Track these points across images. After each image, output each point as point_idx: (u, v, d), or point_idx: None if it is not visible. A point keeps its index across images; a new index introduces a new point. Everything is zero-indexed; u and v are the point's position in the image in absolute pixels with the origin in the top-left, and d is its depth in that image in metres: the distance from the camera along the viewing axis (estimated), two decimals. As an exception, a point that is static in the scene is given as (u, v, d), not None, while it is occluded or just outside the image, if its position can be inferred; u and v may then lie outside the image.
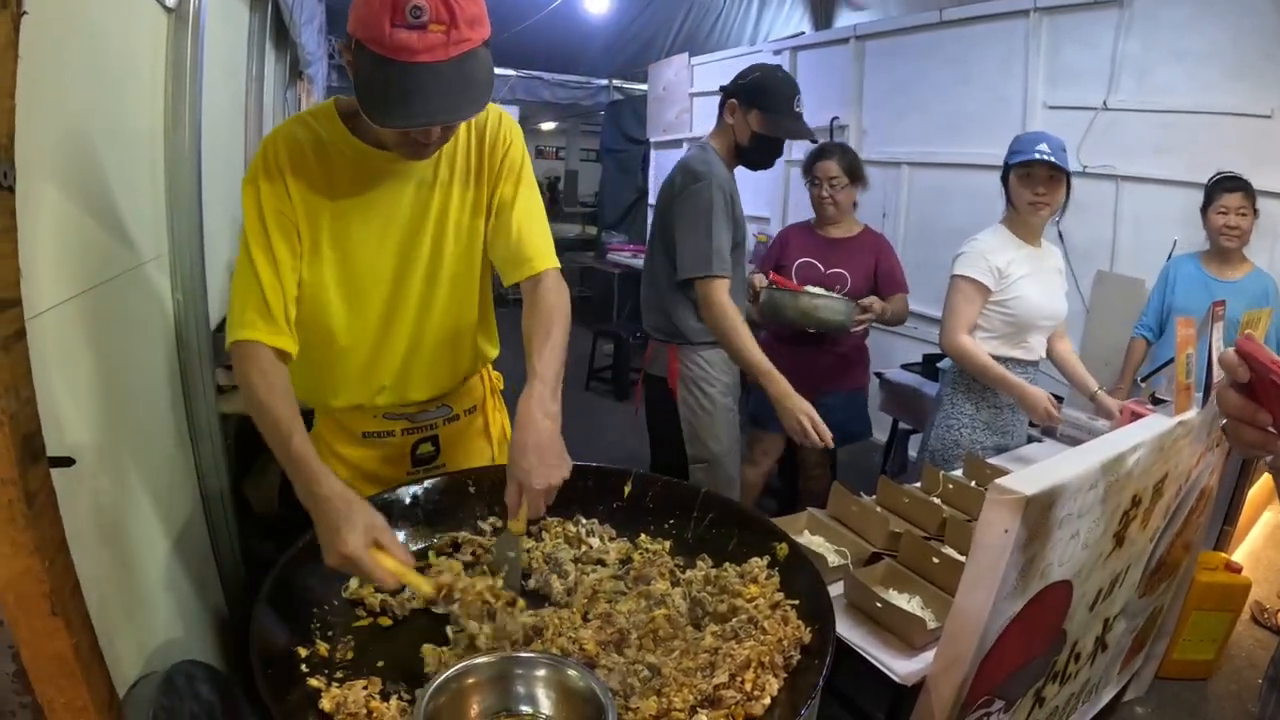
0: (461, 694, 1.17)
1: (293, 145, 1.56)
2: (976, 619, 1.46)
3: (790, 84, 2.85)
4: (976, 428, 2.99)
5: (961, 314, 2.88)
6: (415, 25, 1.28)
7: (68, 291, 1.33)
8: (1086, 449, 1.65)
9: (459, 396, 1.93)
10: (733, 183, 2.89)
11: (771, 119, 2.79)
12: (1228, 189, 3.49)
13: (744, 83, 2.84)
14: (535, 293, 1.66)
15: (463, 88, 1.35)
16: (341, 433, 1.85)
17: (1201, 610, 3.08)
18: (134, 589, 1.58)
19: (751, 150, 2.87)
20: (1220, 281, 3.56)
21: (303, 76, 5.18)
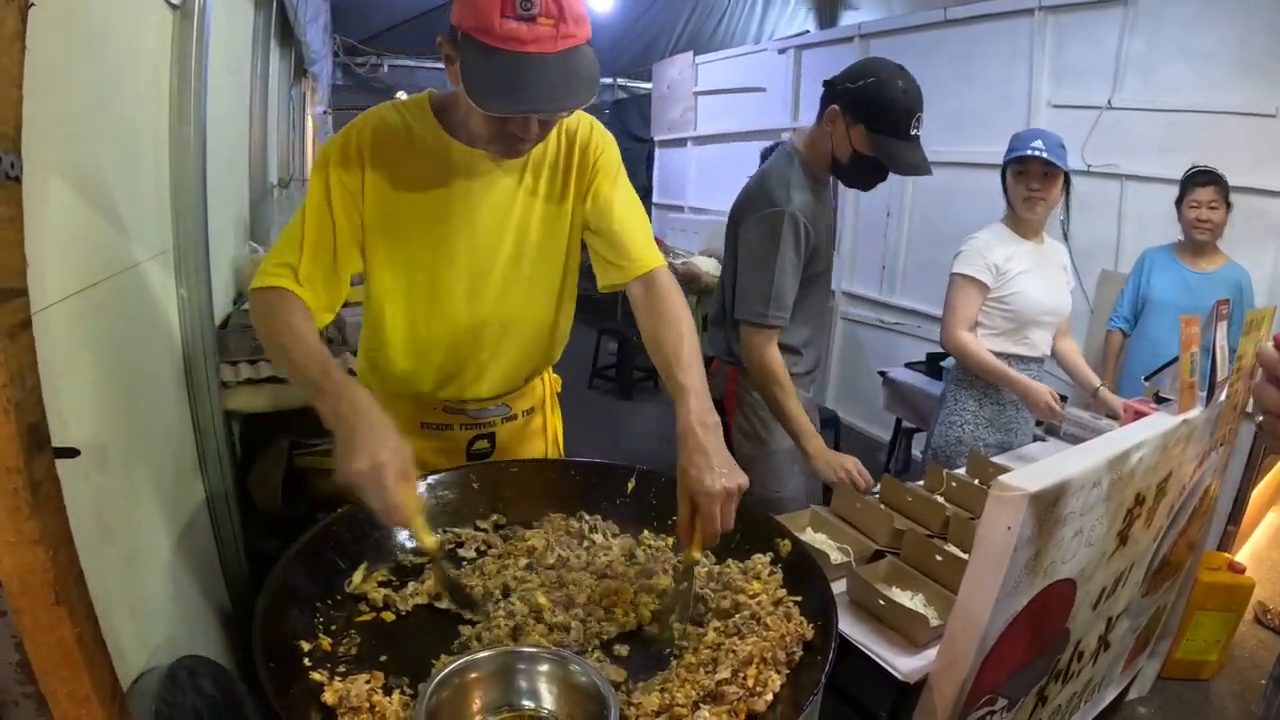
0: (464, 689, 1.17)
1: (381, 130, 1.59)
2: (979, 617, 1.46)
3: (911, 98, 2.28)
4: (980, 425, 3.00)
5: (960, 311, 2.88)
6: (525, 17, 1.31)
7: (72, 287, 1.33)
8: (1090, 447, 1.65)
9: (519, 397, 1.94)
10: (816, 205, 2.44)
11: (880, 141, 2.29)
12: (1200, 183, 3.55)
13: (853, 87, 2.32)
14: (653, 293, 1.65)
15: (567, 80, 1.37)
16: (399, 421, 1.85)
17: (1205, 610, 3.08)
18: (137, 584, 1.59)
19: (850, 169, 2.40)
20: (1195, 273, 3.63)
21: (307, 74, 5.19)
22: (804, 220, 2.36)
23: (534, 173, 1.69)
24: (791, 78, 6.48)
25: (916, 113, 2.28)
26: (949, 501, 2.33)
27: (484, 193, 1.65)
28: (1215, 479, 2.45)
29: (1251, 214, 3.70)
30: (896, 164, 2.32)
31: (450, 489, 1.69)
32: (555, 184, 1.71)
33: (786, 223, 2.35)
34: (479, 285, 1.71)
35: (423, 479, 1.68)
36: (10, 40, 0.78)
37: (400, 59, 7.84)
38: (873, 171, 2.40)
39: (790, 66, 6.47)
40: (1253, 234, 3.69)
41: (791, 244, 2.36)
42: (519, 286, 1.75)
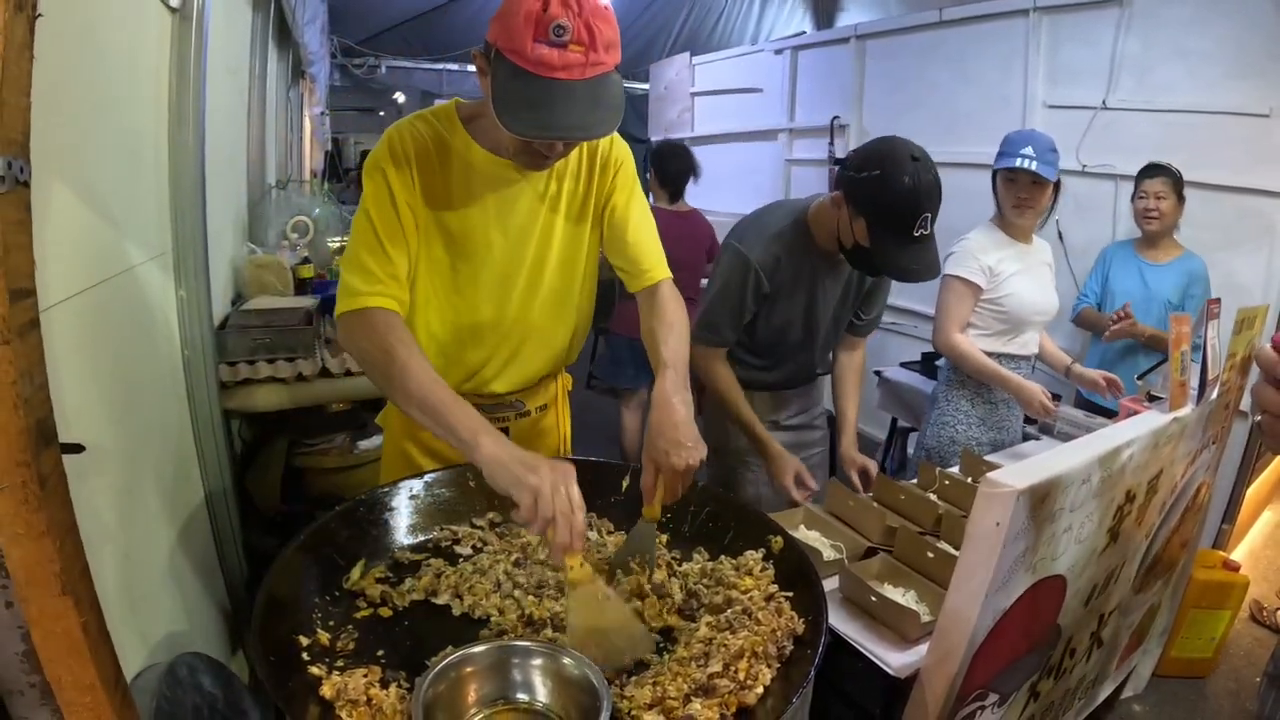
0: (459, 682, 1.19)
1: (418, 139, 1.63)
2: (968, 612, 1.47)
3: (918, 195, 2.05)
4: (972, 424, 3.02)
5: (954, 313, 2.90)
6: (557, 43, 1.34)
7: (72, 288, 1.35)
8: (1080, 444, 1.67)
9: (534, 394, 1.98)
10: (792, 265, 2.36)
11: (879, 239, 2.12)
12: (1148, 175, 3.61)
13: (859, 177, 2.14)
14: (655, 299, 1.78)
15: (593, 108, 1.40)
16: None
17: (1199, 608, 3.10)
18: (137, 582, 1.60)
19: (855, 257, 2.27)
20: (1151, 265, 3.67)
21: (305, 76, 5.20)
22: (758, 270, 2.32)
23: (557, 182, 1.74)
24: (788, 78, 6.48)
25: (924, 212, 2.06)
26: (942, 499, 2.34)
27: (510, 201, 1.70)
28: (1208, 477, 2.46)
29: (1247, 214, 3.72)
30: (889, 266, 2.15)
31: (447, 487, 1.71)
32: (577, 194, 1.77)
33: (737, 262, 2.35)
34: (502, 290, 1.76)
35: (419, 477, 1.70)
36: (20, 50, 0.80)
37: (398, 60, 7.84)
38: (871, 267, 2.31)
39: (787, 67, 6.48)
40: (1248, 233, 3.70)
41: (735, 281, 2.35)
42: (540, 292, 1.80)
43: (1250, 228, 3.70)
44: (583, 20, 1.35)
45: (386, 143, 1.63)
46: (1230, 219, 3.73)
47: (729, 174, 7.39)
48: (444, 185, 1.65)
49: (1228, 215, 3.74)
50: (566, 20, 1.33)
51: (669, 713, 1.15)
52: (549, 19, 1.33)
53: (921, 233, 2.07)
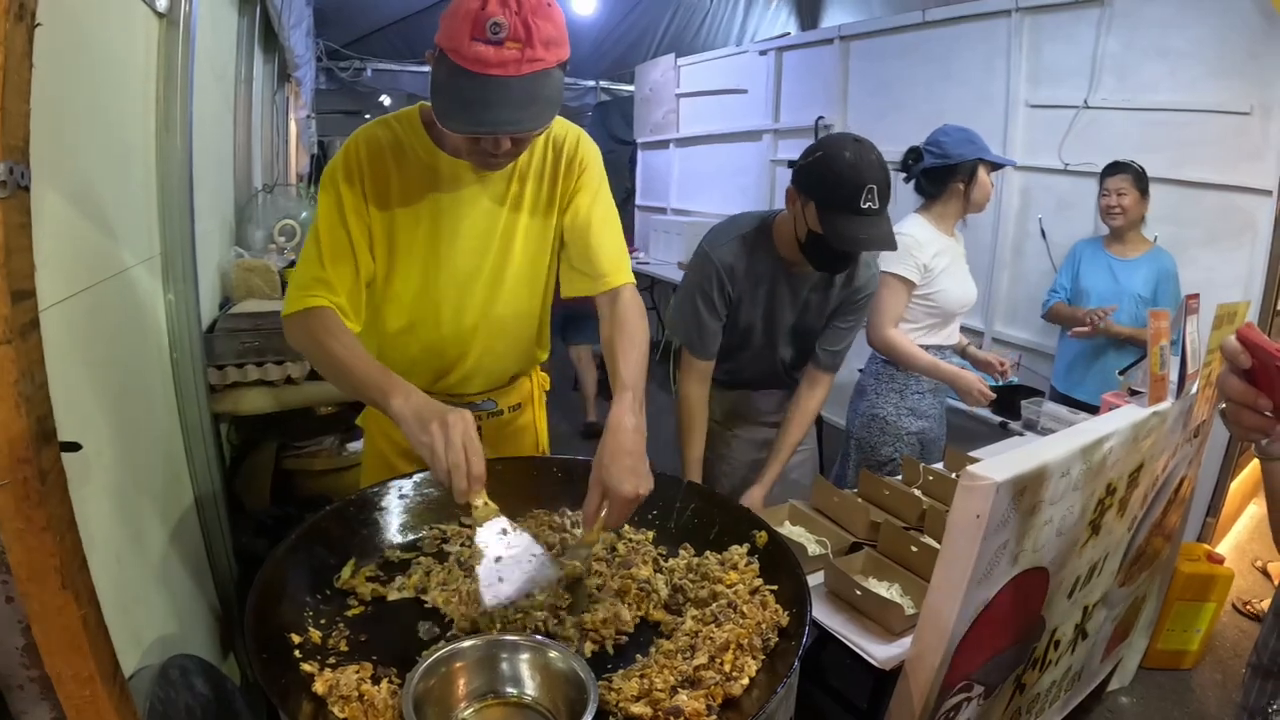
0: (449, 676, 1.21)
1: (374, 146, 1.65)
2: (951, 603, 1.50)
3: (859, 170, 2.10)
4: (902, 415, 3.08)
5: (888, 309, 2.94)
6: (493, 41, 1.35)
7: (62, 293, 1.36)
8: (1060, 437, 1.69)
9: (506, 394, 2.00)
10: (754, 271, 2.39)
11: (827, 216, 2.14)
12: (1110, 173, 3.71)
13: (805, 164, 2.23)
14: (615, 307, 1.73)
15: (527, 103, 1.41)
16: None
17: (1184, 601, 3.13)
18: (129, 585, 1.61)
19: (810, 250, 2.25)
20: (1120, 261, 3.75)
21: (291, 79, 5.20)
22: (721, 271, 2.35)
23: (520, 182, 1.74)
24: (773, 79, 6.50)
25: (867, 184, 2.09)
26: (925, 495, 2.36)
27: (472, 202, 1.71)
28: (1190, 470, 2.49)
29: (1229, 211, 3.74)
30: (840, 240, 2.13)
31: (436, 486, 1.72)
32: (541, 194, 1.77)
33: (699, 260, 2.40)
34: (467, 291, 1.77)
35: (408, 477, 1.72)
36: (20, 59, 0.82)
37: (383, 63, 7.83)
38: (828, 255, 2.24)
39: (772, 68, 6.50)
40: (1230, 230, 3.73)
41: (702, 282, 2.38)
42: (505, 292, 1.80)
43: (1232, 224, 3.73)
44: (520, 18, 1.36)
45: (342, 154, 1.65)
46: (1212, 216, 3.76)
47: (714, 175, 7.42)
48: (402, 190, 1.67)
49: (1209, 212, 3.77)
50: (503, 18, 1.35)
51: (656, 704, 1.17)
52: (486, 16, 1.34)
53: (869, 205, 2.10)
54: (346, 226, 1.62)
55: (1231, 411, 0.86)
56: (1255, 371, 0.83)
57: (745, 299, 2.41)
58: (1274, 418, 0.84)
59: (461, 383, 1.89)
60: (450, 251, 1.73)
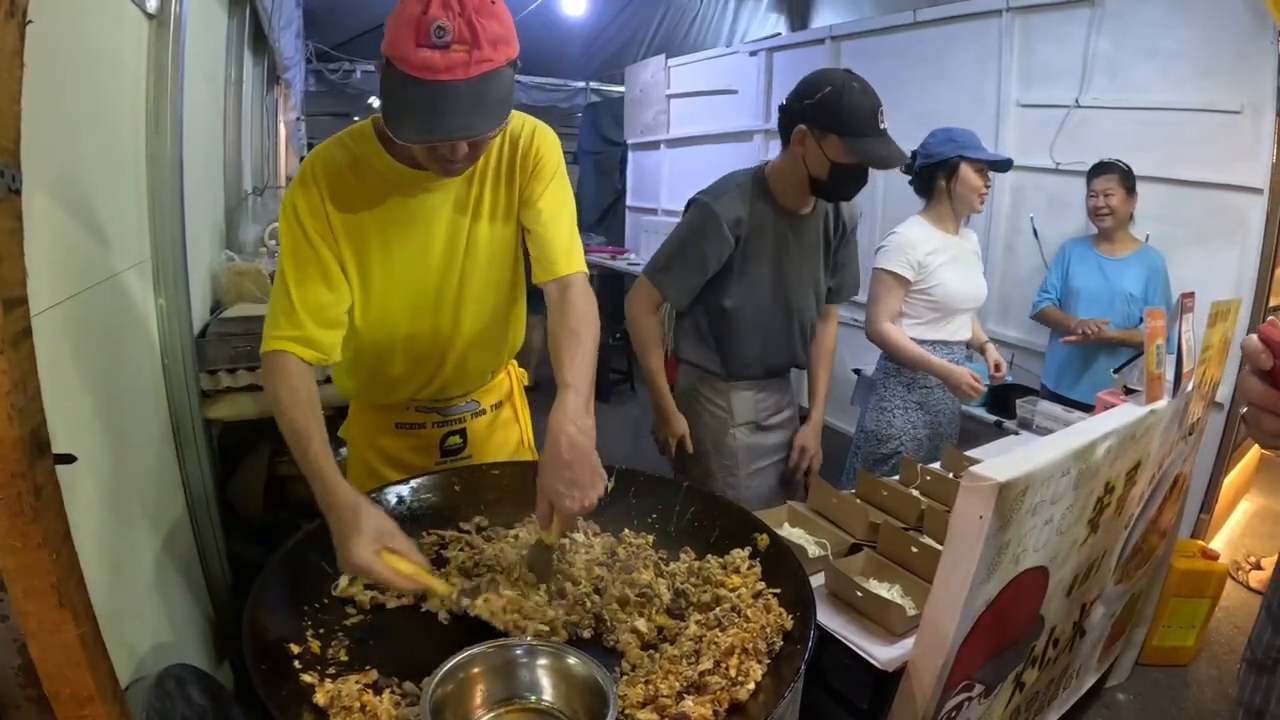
0: (466, 683, 1.20)
1: (330, 166, 1.61)
2: (954, 604, 1.49)
3: (869, 95, 2.27)
4: (910, 409, 3.12)
5: (883, 304, 3.04)
6: (439, 45, 1.32)
7: (53, 298, 1.34)
8: (1058, 437, 1.69)
9: (486, 393, 2.01)
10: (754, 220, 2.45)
11: (855, 144, 2.25)
12: (1097, 174, 3.74)
13: (812, 102, 2.29)
14: (562, 298, 1.69)
15: (478, 106, 1.38)
16: (377, 422, 1.96)
17: (1179, 597, 3.14)
18: (122, 595, 1.59)
19: (830, 183, 2.36)
20: (1110, 260, 3.77)
21: (280, 81, 5.18)
22: (723, 223, 2.39)
23: (479, 183, 1.71)
24: (763, 80, 6.51)
25: (879, 107, 2.26)
26: (924, 495, 2.36)
27: (433, 210, 1.69)
28: (1186, 467, 2.49)
29: (1220, 209, 3.76)
30: (876, 160, 2.28)
31: (433, 492, 1.72)
32: (500, 192, 1.74)
33: (699, 211, 2.44)
34: (439, 302, 1.76)
35: (405, 482, 1.70)
36: (10, 57, 0.80)
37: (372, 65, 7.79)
38: (852, 179, 2.36)
39: (762, 69, 6.50)
40: (1221, 229, 3.74)
41: (698, 232, 2.43)
42: (474, 294, 1.79)
43: (1223, 223, 3.75)
44: (464, 19, 1.33)
45: (299, 177, 1.61)
46: (1203, 214, 3.78)
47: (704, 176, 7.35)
48: (364, 206, 1.63)
49: (1200, 211, 3.78)
50: (446, 20, 1.32)
51: (662, 711, 1.16)
52: (429, 21, 1.32)
53: (884, 125, 2.26)
54: (315, 250, 1.59)
55: (1252, 416, 0.80)
56: (1276, 372, 0.77)
57: (751, 252, 2.47)
58: None
59: (443, 389, 1.90)
60: (418, 265, 1.71)
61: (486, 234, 1.74)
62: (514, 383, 2.11)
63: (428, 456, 1.96)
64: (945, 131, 3.04)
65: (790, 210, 2.48)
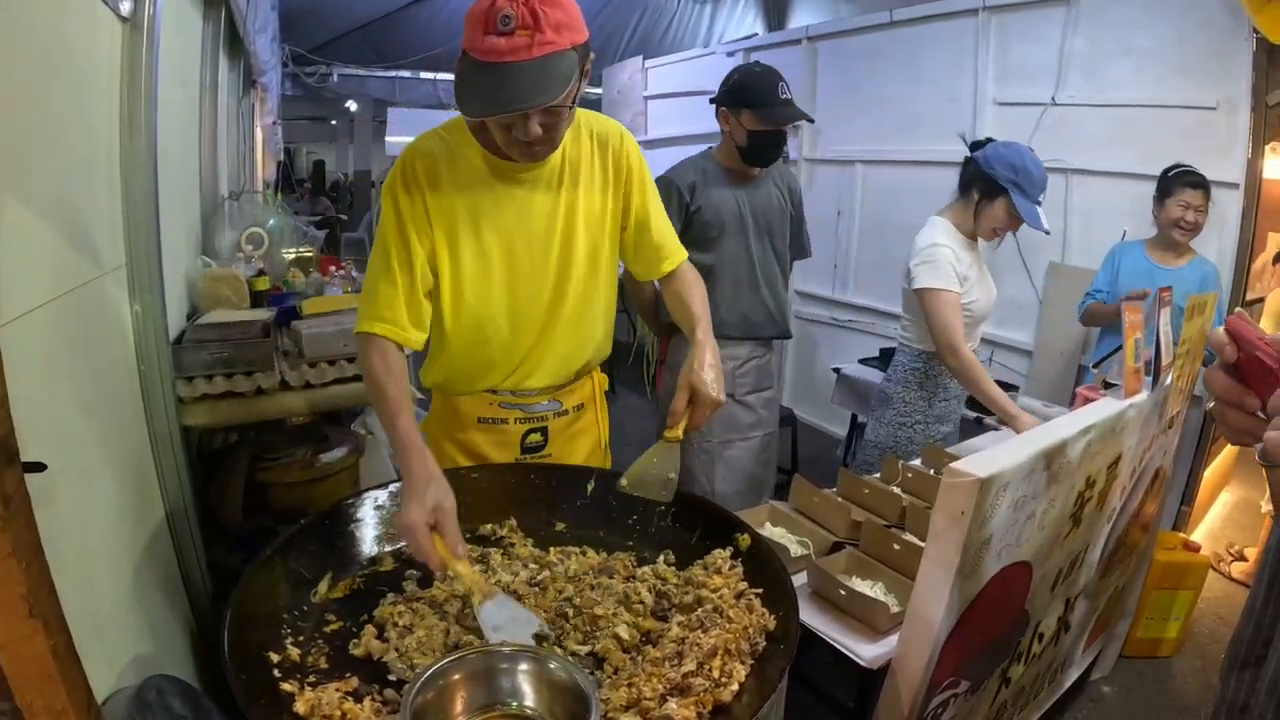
0: (447, 689, 1.18)
1: (427, 158, 1.76)
2: (937, 600, 1.49)
3: (770, 73, 2.88)
4: (929, 421, 3.04)
5: (955, 327, 2.78)
6: (504, 32, 1.46)
7: (24, 305, 1.32)
8: (1038, 432, 1.70)
9: (569, 393, 2.04)
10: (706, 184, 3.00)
11: (762, 113, 2.83)
12: (1189, 183, 3.53)
13: (726, 88, 2.94)
14: (678, 274, 1.99)
15: (537, 82, 1.49)
16: (457, 418, 2.00)
17: (1162, 589, 3.16)
18: (101, 605, 1.57)
19: (751, 149, 2.92)
20: (1164, 269, 3.63)
21: (256, 85, 5.14)
22: (678, 185, 2.96)
23: (572, 177, 1.84)
24: (741, 80, 6.52)
25: (779, 81, 2.86)
26: (905, 492, 2.36)
27: (528, 200, 1.81)
28: (1166, 461, 2.51)
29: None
30: (780, 120, 2.86)
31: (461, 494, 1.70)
32: (594, 189, 1.88)
33: (664, 186, 2.81)
34: (530, 287, 1.87)
35: (384, 487, 1.69)
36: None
37: (350, 68, 7.76)
38: (768, 145, 2.93)
39: (740, 69, 6.52)
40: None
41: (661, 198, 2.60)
42: (571, 281, 1.89)
43: (1200, 218, 3.78)
44: (527, 7, 1.45)
45: (399, 169, 1.76)
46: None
47: (685, 176, 7.41)
48: (458, 195, 1.76)
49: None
50: (510, 10, 1.45)
51: (645, 714, 1.15)
52: (495, 11, 1.45)
53: (786, 96, 2.86)
54: (407, 239, 1.74)
55: (1218, 410, 0.80)
56: (1242, 365, 0.76)
57: (706, 205, 2.98)
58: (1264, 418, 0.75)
59: (525, 379, 1.95)
60: (512, 249, 1.82)
61: (583, 223, 1.87)
62: (596, 387, 2.15)
63: (508, 452, 2.01)
64: (1023, 156, 2.80)
65: (738, 176, 3.03)
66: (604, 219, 1.91)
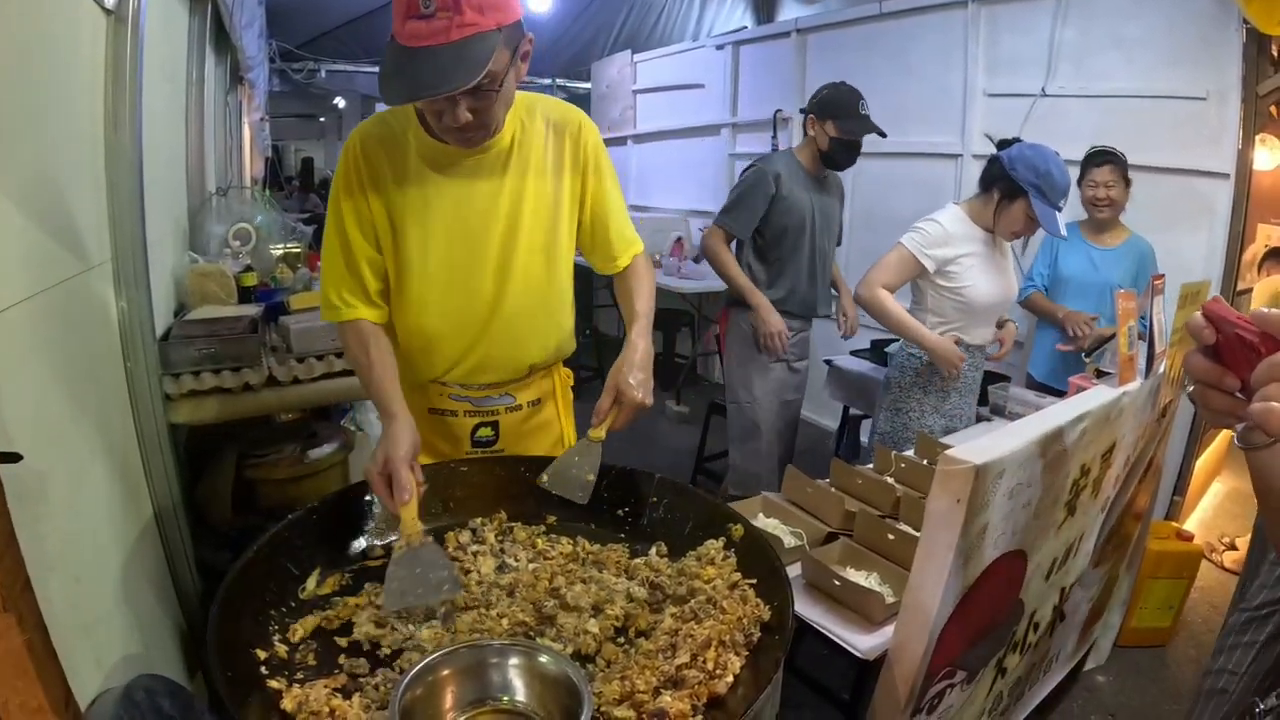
0: (436, 685, 1.17)
1: (368, 142, 1.72)
2: (933, 590, 1.48)
3: (853, 93, 3.37)
4: (925, 412, 3.04)
5: (888, 273, 2.93)
6: (425, 15, 1.42)
7: (8, 300, 1.31)
8: (1033, 420, 1.69)
9: (524, 388, 1.98)
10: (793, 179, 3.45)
11: (844, 124, 3.34)
12: (1097, 163, 3.62)
13: (816, 100, 3.44)
14: (632, 266, 1.96)
15: (454, 65, 1.44)
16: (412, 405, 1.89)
17: (1156, 578, 3.17)
18: (88, 605, 1.55)
19: (832, 154, 3.42)
20: (1100, 249, 3.68)
21: (243, 81, 5.11)
22: (771, 176, 3.39)
23: (521, 163, 1.77)
24: (730, 73, 6.51)
25: (859, 100, 3.34)
26: (899, 483, 2.36)
27: (469, 187, 1.74)
28: (1159, 450, 2.51)
29: (1186, 194, 3.80)
30: (858, 132, 3.34)
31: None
32: (546, 175, 1.81)
33: (753, 172, 3.47)
34: (470, 279, 1.80)
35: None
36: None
37: (338, 64, 7.72)
38: (847, 151, 3.41)
39: (728, 62, 6.50)
40: (1188, 213, 3.79)
41: (753, 185, 3.44)
42: (516, 271, 1.81)
43: (1190, 207, 3.79)
44: None
45: (341, 163, 1.74)
46: (1170, 199, 3.81)
47: (672, 170, 7.41)
48: (403, 179, 1.72)
49: (1168, 196, 3.81)
50: None
51: (639, 707, 1.13)
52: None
53: (865, 112, 3.34)
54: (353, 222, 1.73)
55: (1199, 393, 0.79)
56: (1220, 347, 0.76)
57: (788, 197, 3.43)
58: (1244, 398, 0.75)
59: (474, 375, 1.89)
60: (451, 239, 1.76)
61: (531, 210, 1.80)
62: (558, 383, 2.09)
63: (457, 446, 1.97)
64: (1047, 160, 2.77)
65: (813, 178, 3.52)
66: (559, 207, 1.84)
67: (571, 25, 8.06)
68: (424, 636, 1.32)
